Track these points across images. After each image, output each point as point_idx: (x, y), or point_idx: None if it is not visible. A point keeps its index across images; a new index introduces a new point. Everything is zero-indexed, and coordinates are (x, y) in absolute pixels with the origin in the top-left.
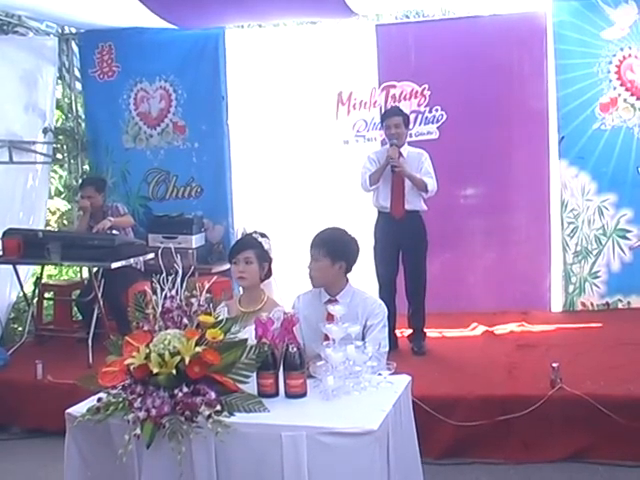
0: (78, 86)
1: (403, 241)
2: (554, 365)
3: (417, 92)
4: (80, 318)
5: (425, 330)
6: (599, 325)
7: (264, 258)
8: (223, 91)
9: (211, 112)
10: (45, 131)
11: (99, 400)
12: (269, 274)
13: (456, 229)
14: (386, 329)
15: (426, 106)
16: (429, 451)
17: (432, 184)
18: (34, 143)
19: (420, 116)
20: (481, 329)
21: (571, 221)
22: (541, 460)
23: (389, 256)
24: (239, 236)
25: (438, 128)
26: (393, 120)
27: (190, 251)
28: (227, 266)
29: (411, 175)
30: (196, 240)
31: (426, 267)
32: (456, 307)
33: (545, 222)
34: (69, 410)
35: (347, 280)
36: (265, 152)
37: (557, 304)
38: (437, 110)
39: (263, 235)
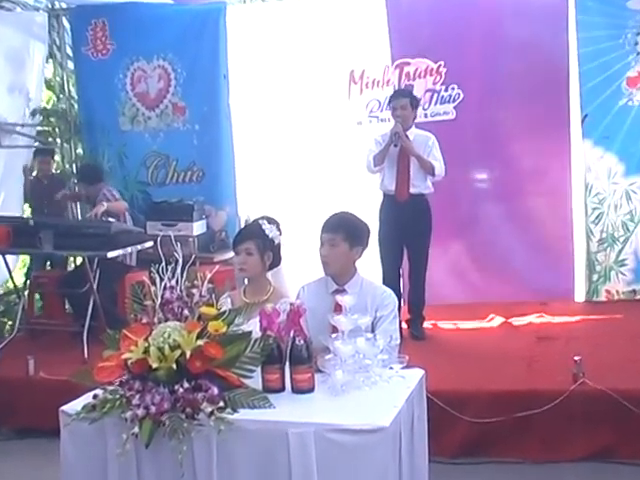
0: (70, 65)
1: (406, 224)
2: (576, 358)
3: (432, 69)
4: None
5: (424, 314)
6: (623, 316)
7: (267, 248)
8: (225, 70)
9: (212, 92)
10: (34, 113)
11: (95, 397)
12: (277, 262)
13: (472, 215)
14: (397, 320)
15: (442, 84)
16: (442, 450)
17: (439, 168)
18: (23, 126)
19: (435, 95)
20: (498, 320)
21: (596, 206)
22: (561, 459)
23: (393, 241)
24: (243, 223)
25: (455, 108)
26: (399, 102)
27: (191, 239)
28: (230, 255)
29: (417, 154)
30: (197, 227)
31: (428, 252)
32: (472, 297)
33: (566, 207)
34: (63, 408)
35: (355, 268)
36: (272, 134)
37: (579, 293)
38: (453, 89)
39: (271, 221)
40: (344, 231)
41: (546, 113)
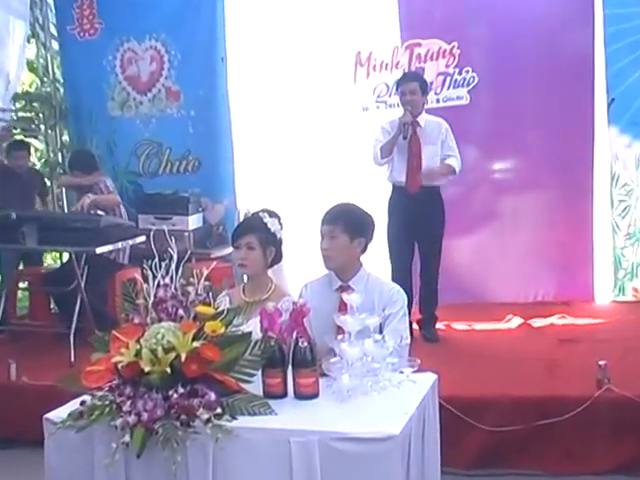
0: (54, 45)
1: (418, 218)
2: (601, 363)
3: (445, 51)
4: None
5: (437, 314)
6: None
7: (269, 242)
8: (223, 52)
9: (209, 75)
10: (16, 97)
11: (82, 403)
12: (279, 258)
13: (488, 207)
14: (407, 319)
15: (455, 67)
16: (457, 460)
17: (457, 164)
18: (3, 111)
19: (448, 78)
20: (517, 322)
21: (622, 199)
22: (585, 472)
23: (403, 236)
24: (242, 217)
25: (469, 92)
26: (408, 86)
27: (186, 234)
28: (228, 250)
29: (434, 171)
30: (193, 221)
31: (441, 247)
32: (489, 297)
33: (588, 200)
34: (48, 415)
35: (361, 263)
36: (273, 122)
37: (604, 293)
38: (468, 72)
39: (272, 214)
40: (343, 222)
41: (568, 97)
